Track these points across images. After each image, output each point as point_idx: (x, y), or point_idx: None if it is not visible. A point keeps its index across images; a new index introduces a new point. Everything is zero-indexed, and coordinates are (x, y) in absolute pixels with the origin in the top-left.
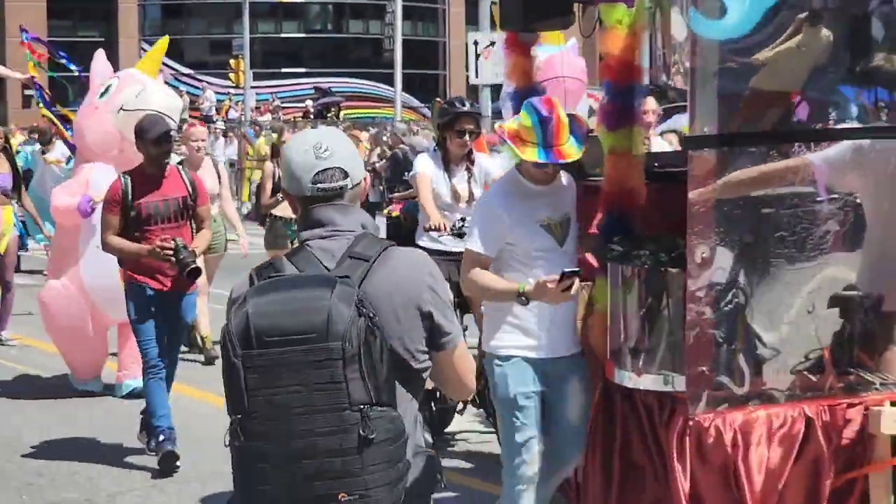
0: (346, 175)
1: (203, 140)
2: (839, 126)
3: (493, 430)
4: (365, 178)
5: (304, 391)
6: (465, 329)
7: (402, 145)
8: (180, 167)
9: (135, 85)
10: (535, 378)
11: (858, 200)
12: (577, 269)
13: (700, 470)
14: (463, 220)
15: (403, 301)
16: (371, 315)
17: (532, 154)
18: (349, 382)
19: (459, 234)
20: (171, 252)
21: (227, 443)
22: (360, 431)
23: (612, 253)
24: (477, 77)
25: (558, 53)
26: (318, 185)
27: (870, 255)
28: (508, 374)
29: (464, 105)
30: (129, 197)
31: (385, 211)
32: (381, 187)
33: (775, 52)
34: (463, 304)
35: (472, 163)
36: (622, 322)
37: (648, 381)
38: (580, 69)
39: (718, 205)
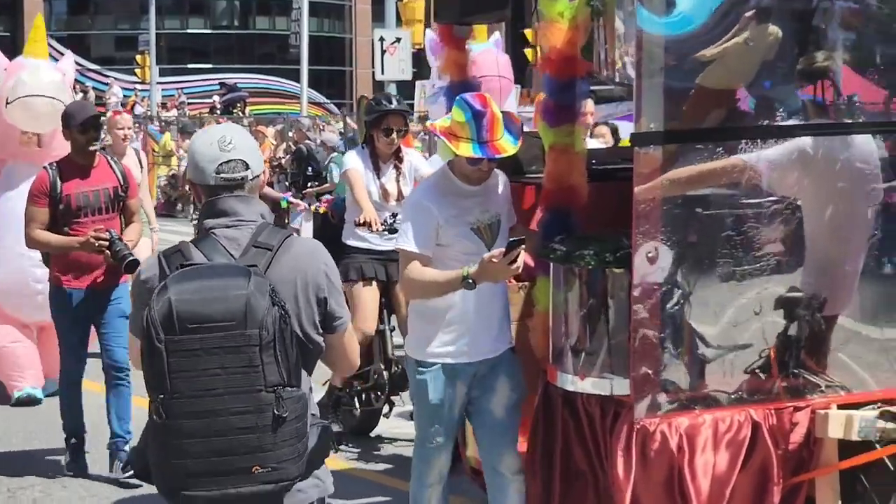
0: (247, 167)
1: (129, 128)
2: (786, 123)
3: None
4: (263, 172)
5: (223, 374)
6: (392, 329)
7: (307, 141)
8: (108, 156)
9: (19, 72)
10: (457, 384)
11: (801, 202)
12: (521, 238)
13: (645, 476)
14: (394, 215)
15: (303, 287)
16: (283, 304)
17: (467, 149)
18: (265, 366)
19: (392, 230)
20: (105, 243)
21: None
22: (275, 411)
23: (555, 253)
24: (382, 73)
25: (491, 50)
26: (222, 175)
27: (814, 257)
28: (428, 380)
29: (391, 103)
30: (58, 188)
31: (285, 204)
32: (287, 182)
33: (722, 49)
34: (389, 305)
35: (401, 161)
36: (564, 324)
37: (591, 385)
38: (509, 66)
39: (664, 203)
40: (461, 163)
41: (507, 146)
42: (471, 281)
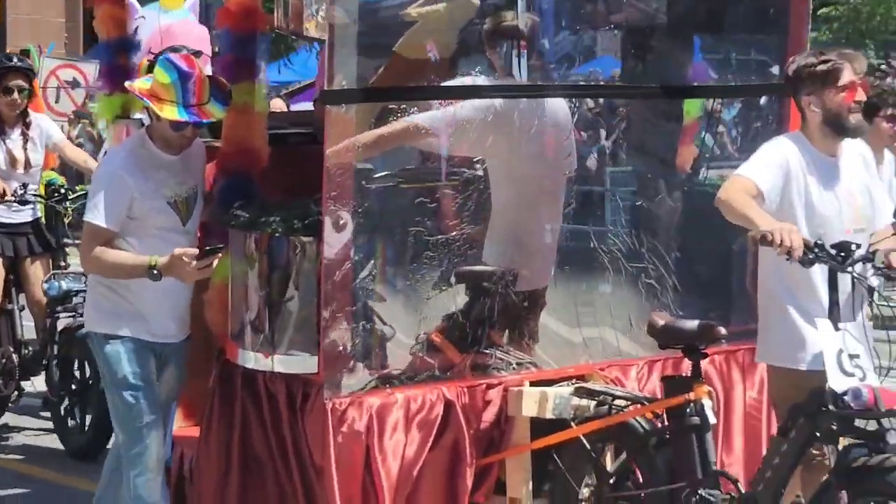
0: None
1: None
2: (477, 83)
3: (47, 422)
4: None
5: None
6: (21, 309)
7: None
8: None
9: None
10: (150, 359)
11: (493, 169)
12: (219, 245)
13: (335, 458)
14: (24, 186)
15: None
16: None
17: (171, 112)
18: None
19: (22, 202)
20: None
21: None
22: None
23: (237, 220)
24: None
25: (188, 21)
26: None
27: (507, 228)
28: (122, 352)
29: (10, 60)
30: None
31: None
32: None
33: (419, 11)
34: (18, 283)
35: (29, 126)
36: (246, 297)
37: (277, 363)
38: (206, 38)
39: (355, 168)
40: (162, 128)
41: (215, 111)
42: (157, 272)
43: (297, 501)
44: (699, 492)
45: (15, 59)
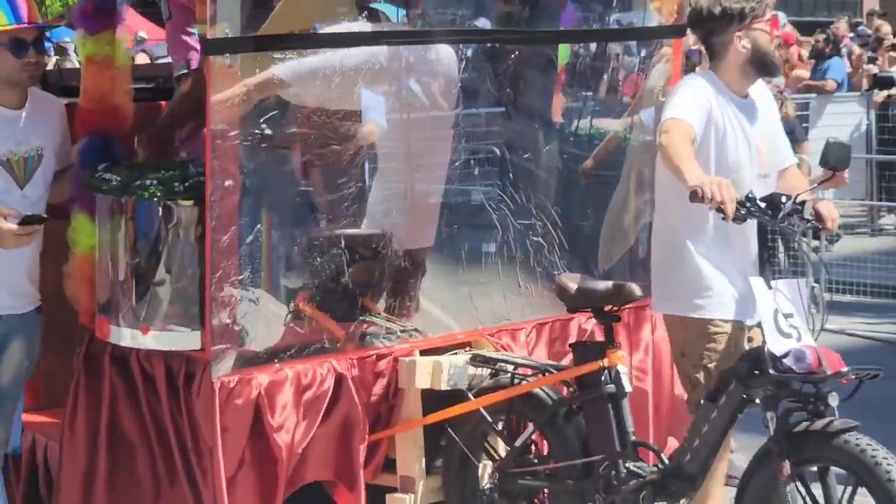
0: None
1: None
2: (362, 31)
3: None
4: None
5: None
6: None
7: None
8: None
9: None
10: None
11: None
12: (41, 216)
13: (222, 439)
14: None
15: None
16: None
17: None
18: None
19: None
20: None
21: None
22: None
23: (107, 184)
24: None
25: None
26: None
27: (383, 187)
28: None
29: None
30: None
31: None
32: None
33: None
34: None
35: None
36: (118, 269)
37: (156, 340)
38: None
39: (240, 124)
40: (2, 61)
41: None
42: None
43: (174, 487)
44: (621, 464)
45: None
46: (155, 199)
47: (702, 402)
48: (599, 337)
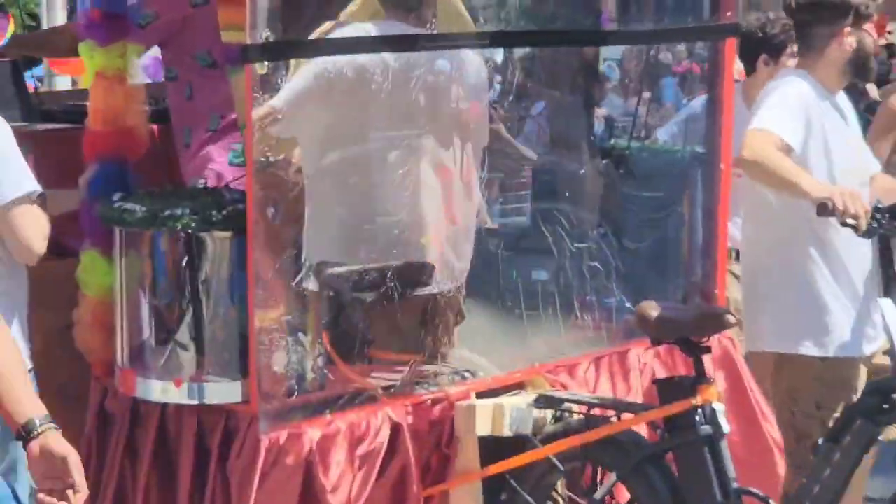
0: None
1: None
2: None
3: None
4: None
5: None
6: None
7: None
8: None
9: None
10: None
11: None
12: None
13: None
14: None
15: None
16: None
17: None
18: None
19: None
20: None
21: None
22: None
23: (130, 215)
24: None
25: None
26: None
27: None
28: None
29: None
30: None
31: None
32: None
33: None
34: None
35: None
36: (141, 311)
37: (191, 393)
38: None
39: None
40: None
41: None
42: None
43: None
44: None
45: None
46: (189, 231)
47: (820, 441)
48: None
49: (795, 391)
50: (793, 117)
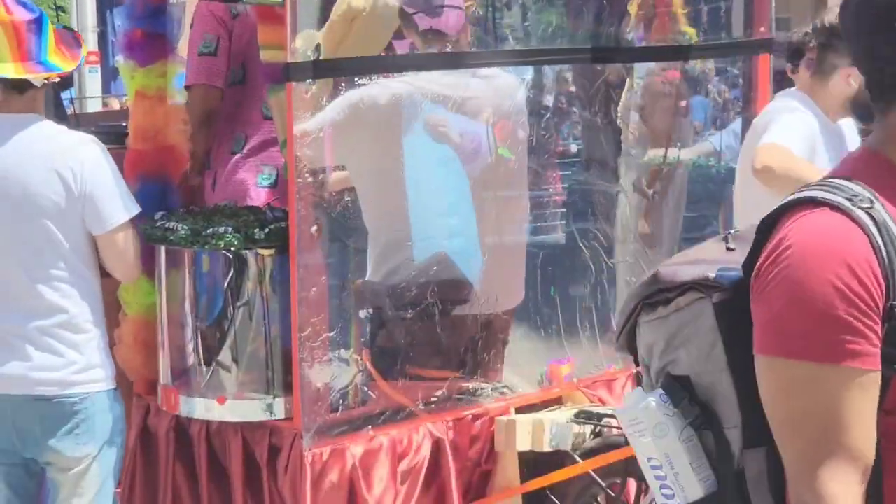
0: None
1: None
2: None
3: None
4: None
5: None
6: None
7: None
8: None
9: None
10: None
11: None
12: None
13: None
14: None
15: None
16: None
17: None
18: None
19: None
20: None
21: None
22: None
23: (173, 234)
24: None
25: None
26: None
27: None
28: None
29: None
30: None
31: None
32: None
33: None
34: None
35: None
36: (185, 329)
37: (234, 410)
38: None
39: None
40: None
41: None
42: None
43: None
44: None
45: None
46: (232, 249)
47: None
48: None
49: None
50: (801, 139)
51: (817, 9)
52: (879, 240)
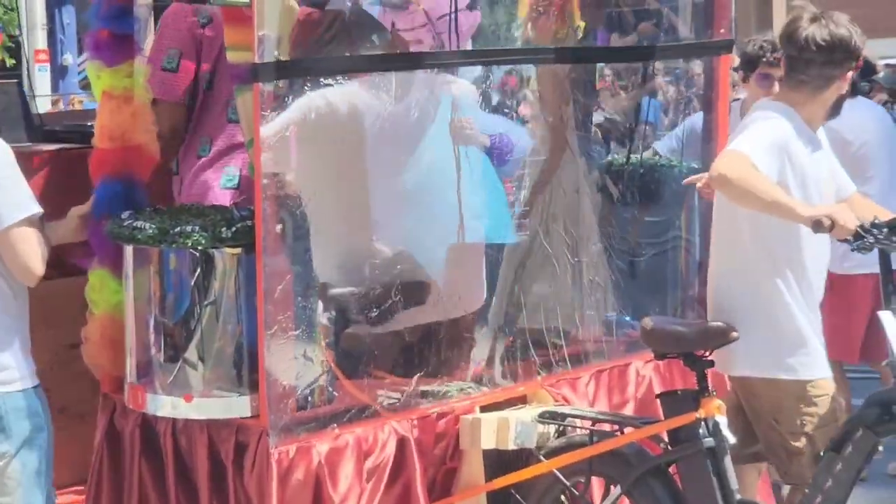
0: None
1: None
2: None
3: None
4: None
5: None
6: None
7: None
8: None
9: None
10: None
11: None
12: None
13: None
14: None
15: None
16: None
17: None
18: None
19: None
20: None
21: None
22: None
23: (140, 233)
24: None
25: None
26: None
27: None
28: None
29: None
30: None
31: None
32: None
33: None
34: None
35: None
36: (151, 328)
37: (201, 408)
38: None
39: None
40: None
41: None
42: None
43: None
44: None
45: None
46: (199, 248)
47: (822, 453)
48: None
49: (777, 413)
50: (769, 151)
51: (761, 11)
52: None
